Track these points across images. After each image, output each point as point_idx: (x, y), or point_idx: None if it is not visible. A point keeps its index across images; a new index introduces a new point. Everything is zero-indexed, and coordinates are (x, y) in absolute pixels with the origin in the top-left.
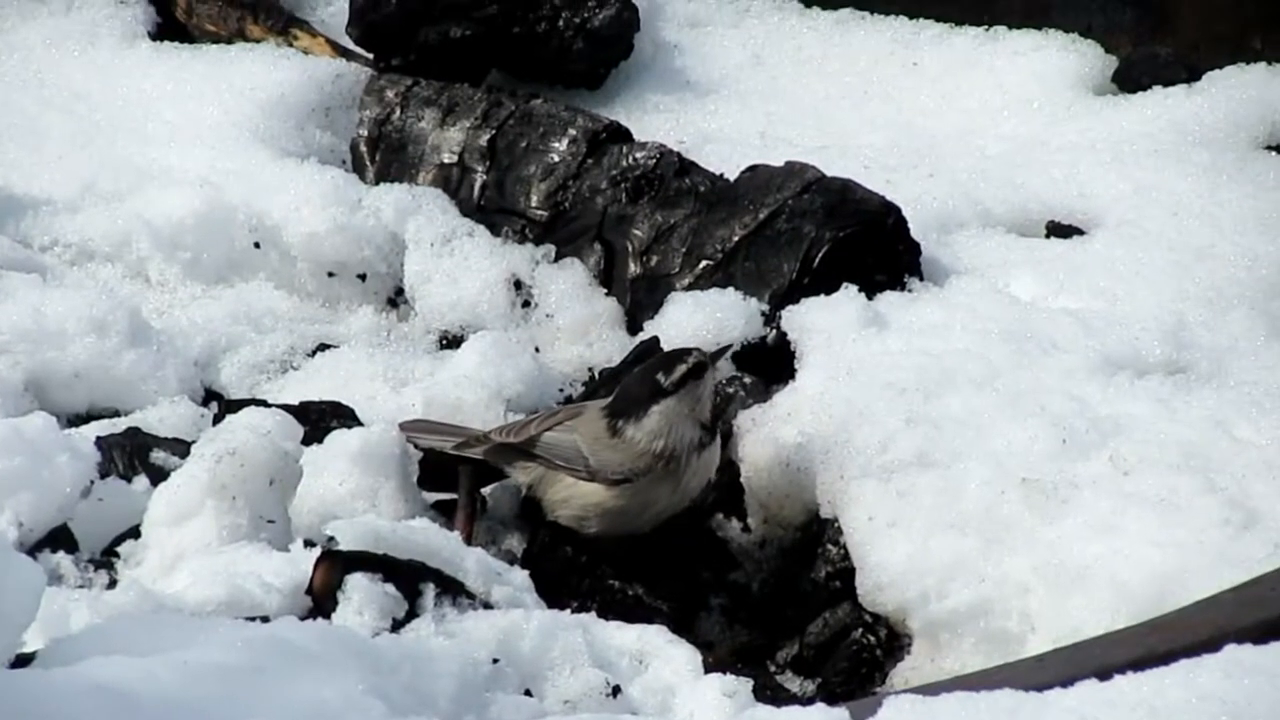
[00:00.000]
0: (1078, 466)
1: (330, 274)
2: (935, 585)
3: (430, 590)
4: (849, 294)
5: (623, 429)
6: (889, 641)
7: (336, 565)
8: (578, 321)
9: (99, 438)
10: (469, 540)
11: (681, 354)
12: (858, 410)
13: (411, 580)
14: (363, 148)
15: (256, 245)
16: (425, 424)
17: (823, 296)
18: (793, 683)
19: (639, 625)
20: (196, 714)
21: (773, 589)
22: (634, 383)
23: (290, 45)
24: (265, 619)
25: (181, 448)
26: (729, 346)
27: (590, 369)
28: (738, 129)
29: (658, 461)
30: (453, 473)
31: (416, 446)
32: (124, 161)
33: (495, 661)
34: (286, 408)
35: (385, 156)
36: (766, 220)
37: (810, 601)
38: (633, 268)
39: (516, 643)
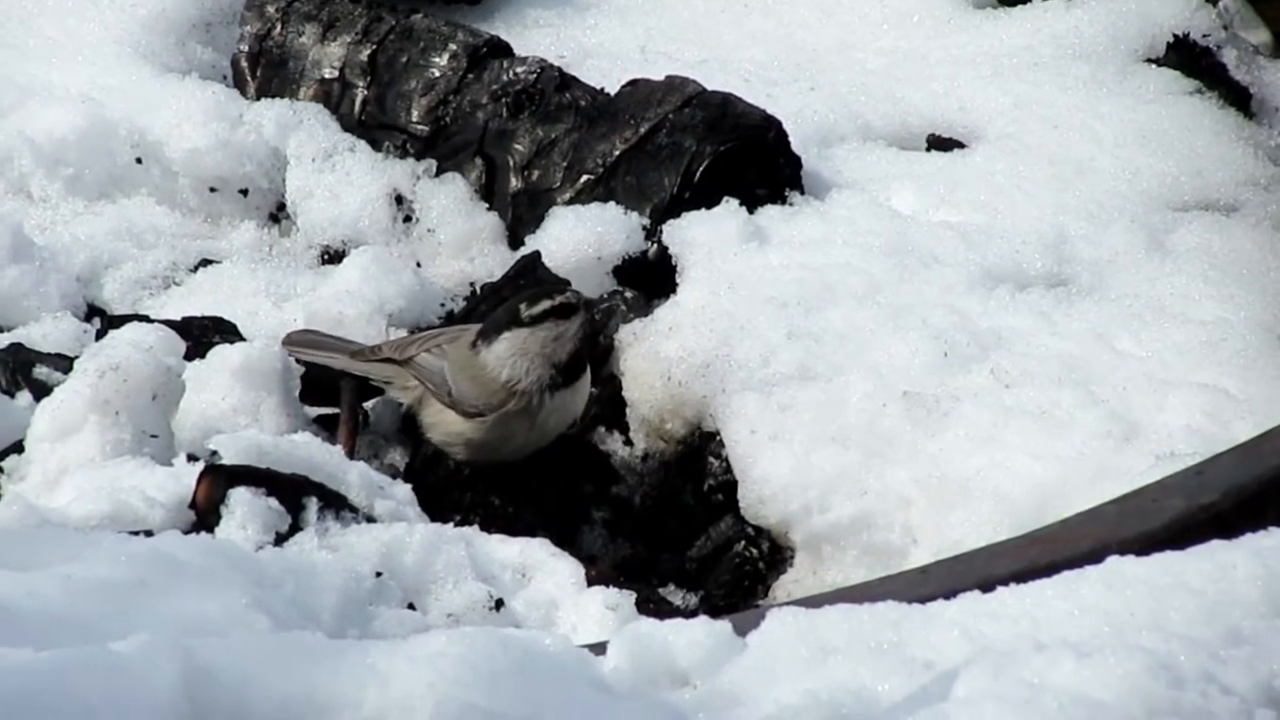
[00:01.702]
0: (959, 379)
1: (212, 189)
2: (817, 498)
3: (313, 504)
4: (730, 208)
5: (480, 351)
6: (771, 554)
7: (219, 480)
8: (459, 236)
9: None
10: (351, 454)
11: (555, 289)
12: (739, 324)
13: (294, 494)
14: (244, 63)
15: (138, 161)
16: (310, 336)
17: (703, 211)
18: (675, 596)
19: (522, 539)
20: (80, 628)
21: (655, 502)
22: (503, 308)
23: None
24: (149, 533)
25: (64, 363)
26: (602, 301)
27: (472, 284)
28: (618, 44)
29: (510, 397)
30: (335, 387)
31: (300, 362)
32: (5, 78)
33: (378, 575)
34: (169, 323)
35: (266, 72)
36: (647, 135)
37: (692, 515)
38: (514, 182)
39: (399, 556)
